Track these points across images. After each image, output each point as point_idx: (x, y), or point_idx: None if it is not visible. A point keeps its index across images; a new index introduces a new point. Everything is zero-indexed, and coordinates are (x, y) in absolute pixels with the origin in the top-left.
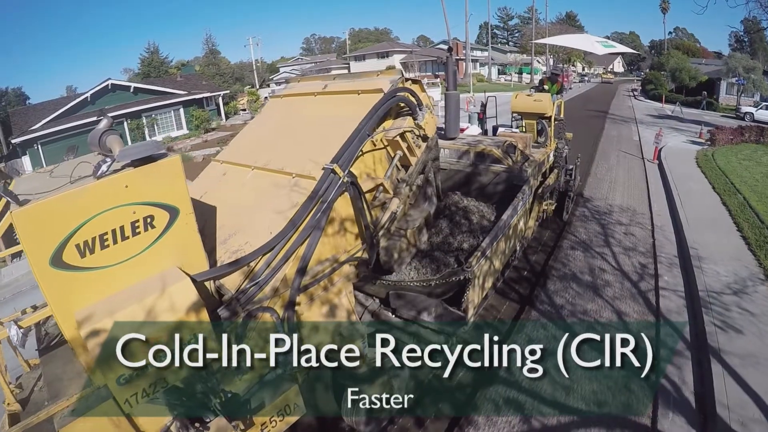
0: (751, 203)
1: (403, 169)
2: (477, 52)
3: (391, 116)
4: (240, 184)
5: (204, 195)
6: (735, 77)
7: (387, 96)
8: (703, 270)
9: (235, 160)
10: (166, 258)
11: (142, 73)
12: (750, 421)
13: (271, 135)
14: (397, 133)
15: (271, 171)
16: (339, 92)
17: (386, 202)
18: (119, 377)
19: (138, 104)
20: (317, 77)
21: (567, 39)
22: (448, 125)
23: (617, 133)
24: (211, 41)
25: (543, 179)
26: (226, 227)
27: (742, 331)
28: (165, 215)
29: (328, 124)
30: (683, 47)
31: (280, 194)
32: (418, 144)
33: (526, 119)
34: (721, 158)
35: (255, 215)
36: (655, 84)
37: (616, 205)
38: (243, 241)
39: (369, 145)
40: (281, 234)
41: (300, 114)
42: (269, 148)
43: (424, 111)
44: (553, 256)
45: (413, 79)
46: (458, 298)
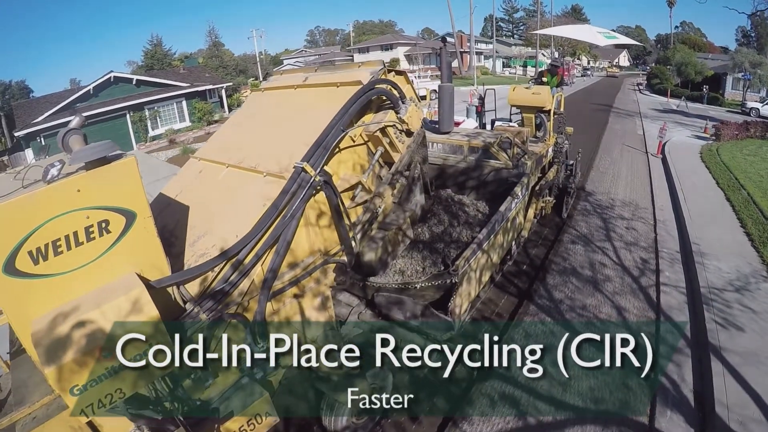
0: (756, 199)
1: (386, 165)
2: (482, 44)
3: (372, 110)
4: (214, 182)
5: (179, 194)
6: (741, 72)
7: (364, 89)
8: (705, 266)
9: (211, 157)
10: (123, 264)
11: (145, 66)
12: (749, 421)
13: (248, 131)
14: (378, 128)
15: (244, 169)
16: (318, 85)
17: (368, 201)
18: (72, 388)
19: (140, 97)
20: (300, 69)
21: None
22: (442, 119)
23: (621, 127)
24: (214, 33)
25: (541, 175)
26: (197, 228)
27: (743, 328)
28: (121, 219)
29: (304, 119)
30: (689, 42)
31: (251, 194)
32: (402, 139)
33: (525, 113)
34: (725, 153)
35: (224, 216)
36: (661, 78)
37: (618, 200)
38: (210, 243)
39: (347, 140)
40: (246, 238)
41: (278, 108)
42: (245, 145)
43: (407, 104)
44: (553, 250)
45: (397, 71)
46: (446, 300)
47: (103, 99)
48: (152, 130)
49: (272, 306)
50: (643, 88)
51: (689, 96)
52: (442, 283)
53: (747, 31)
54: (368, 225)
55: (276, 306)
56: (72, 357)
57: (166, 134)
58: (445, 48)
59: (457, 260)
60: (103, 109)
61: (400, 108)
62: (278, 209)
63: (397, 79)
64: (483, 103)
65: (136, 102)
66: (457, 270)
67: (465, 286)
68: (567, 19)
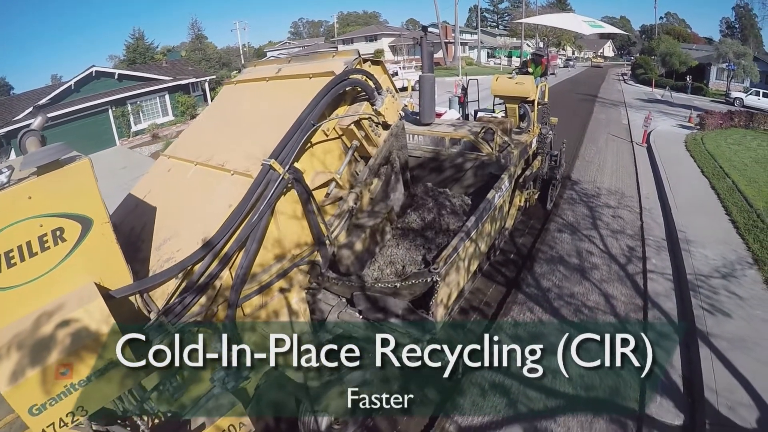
0: (740, 187)
1: (363, 160)
2: (466, 35)
3: (346, 102)
4: (182, 181)
5: (148, 194)
6: (725, 63)
7: (335, 80)
8: (691, 253)
9: (180, 155)
10: (81, 273)
11: (127, 60)
12: (738, 405)
13: (218, 126)
14: (352, 121)
15: (212, 167)
16: (291, 77)
17: (343, 198)
18: (31, 407)
19: (123, 91)
20: (274, 61)
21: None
22: (423, 110)
23: (606, 116)
24: (197, 26)
25: (526, 166)
26: (163, 231)
27: (730, 314)
28: (76, 227)
29: (275, 113)
30: (674, 32)
31: (217, 195)
32: (378, 132)
33: (508, 103)
34: (710, 142)
35: (190, 218)
36: (645, 68)
37: (604, 188)
38: (176, 247)
39: (320, 135)
40: (210, 243)
41: (249, 102)
42: (214, 141)
43: (383, 95)
44: (540, 239)
45: (374, 60)
46: (428, 299)
47: (84, 94)
48: (135, 125)
49: (243, 310)
50: (627, 78)
51: (674, 86)
52: (422, 282)
53: (731, 22)
54: (344, 222)
55: (248, 310)
56: (28, 376)
57: (149, 129)
58: (426, 38)
59: (437, 258)
60: (84, 104)
61: (376, 99)
62: (244, 210)
63: (374, 69)
64: (466, 94)
65: (119, 97)
66: (437, 268)
67: (447, 284)
68: (552, 10)
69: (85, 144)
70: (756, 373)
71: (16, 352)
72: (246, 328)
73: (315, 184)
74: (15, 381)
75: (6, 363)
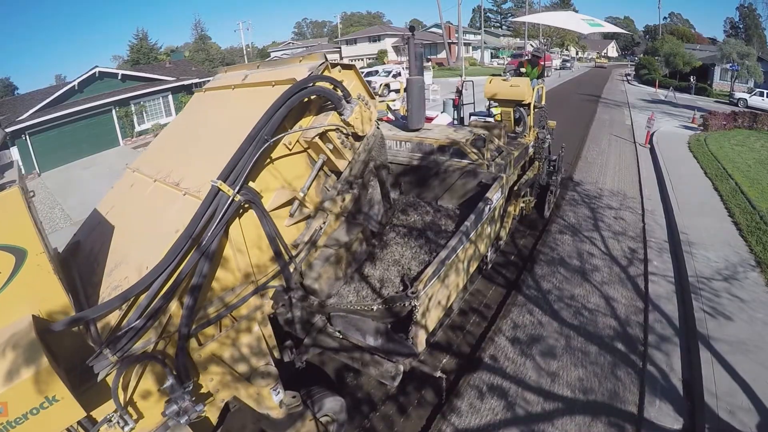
0: (743, 188)
1: (334, 174)
2: (470, 35)
3: (312, 112)
4: (141, 199)
5: (109, 212)
6: (729, 63)
7: (292, 89)
8: (693, 255)
9: (142, 169)
10: (17, 306)
11: (131, 60)
12: (738, 410)
13: (182, 138)
14: (317, 134)
15: (168, 186)
16: (255, 84)
17: (310, 217)
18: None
19: (126, 91)
20: (244, 66)
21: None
22: (411, 115)
23: (609, 117)
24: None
25: (521, 173)
26: (116, 254)
27: (731, 317)
28: (9, 258)
29: (234, 125)
30: (678, 32)
31: (167, 217)
32: (348, 144)
33: (502, 106)
34: (713, 143)
35: (141, 242)
36: (649, 69)
37: (606, 189)
38: (124, 274)
39: (282, 149)
40: (152, 274)
41: (213, 111)
42: (175, 156)
43: (353, 104)
44: (541, 240)
45: (344, 65)
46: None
47: (88, 95)
48: (138, 126)
49: (197, 341)
50: (631, 78)
51: (677, 86)
52: (400, 307)
53: (735, 23)
54: (312, 243)
55: (203, 340)
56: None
57: (152, 129)
58: (413, 38)
59: (416, 280)
60: (88, 105)
61: (344, 109)
62: (191, 236)
63: (345, 74)
64: (461, 96)
65: (122, 97)
66: (416, 292)
67: (428, 307)
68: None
69: (89, 144)
70: (757, 377)
71: None
72: (202, 359)
73: (277, 203)
74: None
75: None
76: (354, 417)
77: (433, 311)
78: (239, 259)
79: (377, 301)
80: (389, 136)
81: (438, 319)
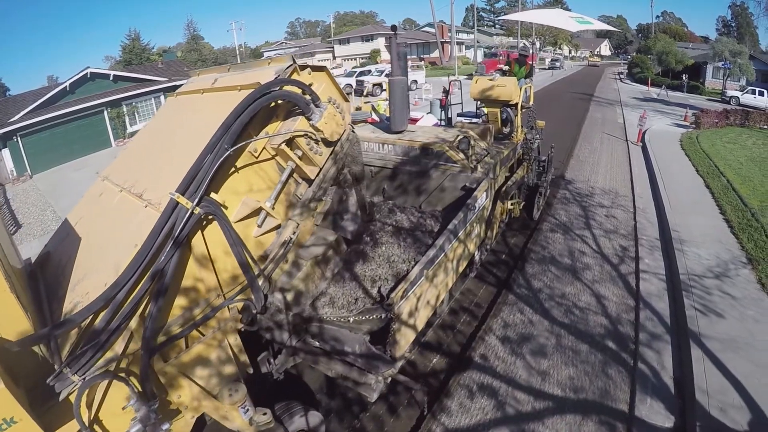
0: (735, 186)
1: (305, 182)
2: (463, 34)
3: (279, 117)
4: (108, 209)
5: (78, 222)
6: (721, 61)
7: (253, 95)
8: (684, 253)
9: (112, 178)
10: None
11: (123, 61)
12: (729, 407)
13: (151, 146)
14: (283, 140)
15: (133, 196)
16: (222, 89)
17: (280, 227)
18: None
19: (118, 92)
20: (215, 69)
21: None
22: (394, 117)
23: (602, 115)
24: (192, 26)
25: (509, 174)
26: (81, 268)
27: (723, 315)
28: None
29: (199, 133)
30: (670, 31)
31: (130, 230)
32: (319, 150)
33: (489, 107)
34: (705, 141)
35: (104, 256)
36: (642, 67)
37: (598, 188)
38: (85, 290)
39: (248, 156)
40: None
41: (182, 117)
42: (142, 164)
43: (322, 108)
44: (532, 239)
45: (315, 66)
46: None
47: (79, 96)
48: (131, 126)
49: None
50: (624, 77)
51: (669, 85)
52: (376, 318)
53: (727, 21)
54: (282, 255)
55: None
56: None
57: None
58: (395, 37)
59: (393, 292)
60: (79, 106)
61: (312, 113)
62: (150, 251)
63: (315, 77)
64: (447, 96)
65: (114, 98)
66: (392, 305)
67: (406, 318)
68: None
69: (81, 145)
70: (748, 375)
71: None
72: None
73: (243, 214)
74: None
75: None
76: (344, 417)
77: (411, 321)
78: (204, 273)
79: (352, 313)
80: (372, 138)
81: (417, 330)
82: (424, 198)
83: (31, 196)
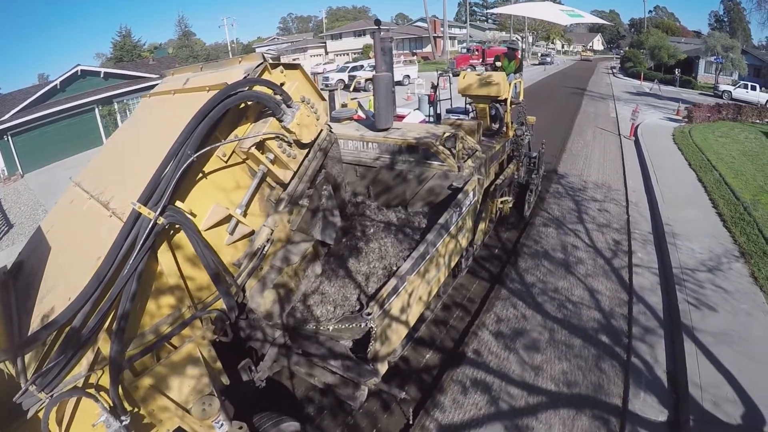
0: (727, 180)
1: (279, 186)
2: (455, 29)
3: (249, 119)
4: (77, 217)
5: (50, 230)
6: (713, 56)
7: (217, 97)
8: (677, 247)
9: (83, 184)
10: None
11: (114, 58)
12: (723, 401)
13: (122, 150)
14: (253, 144)
15: (101, 204)
16: (192, 89)
17: (253, 233)
18: None
19: (109, 90)
20: (188, 68)
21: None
22: (378, 114)
23: (594, 109)
24: (184, 23)
25: (499, 172)
26: (49, 280)
27: (715, 308)
28: None
29: (166, 137)
30: (663, 26)
31: (94, 241)
32: (292, 153)
33: (477, 103)
34: (697, 135)
35: (69, 268)
36: (634, 62)
37: (590, 182)
38: (51, 304)
39: (216, 161)
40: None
41: (153, 120)
42: (112, 170)
43: (294, 108)
44: (524, 234)
45: (288, 64)
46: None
47: (70, 93)
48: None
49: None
50: (616, 71)
51: (662, 79)
52: (356, 327)
53: (720, 16)
54: (255, 262)
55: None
56: None
57: None
58: (379, 32)
59: (372, 299)
60: (70, 104)
61: (284, 114)
62: (113, 263)
63: (288, 75)
64: (436, 91)
65: (105, 95)
66: (371, 313)
67: (387, 326)
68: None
69: (72, 144)
70: (741, 368)
71: None
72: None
73: (212, 222)
74: None
75: None
76: (336, 414)
77: (394, 329)
78: (172, 285)
79: (330, 323)
80: (355, 136)
81: (402, 336)
82: (410, 197)
83: (23, 196)
